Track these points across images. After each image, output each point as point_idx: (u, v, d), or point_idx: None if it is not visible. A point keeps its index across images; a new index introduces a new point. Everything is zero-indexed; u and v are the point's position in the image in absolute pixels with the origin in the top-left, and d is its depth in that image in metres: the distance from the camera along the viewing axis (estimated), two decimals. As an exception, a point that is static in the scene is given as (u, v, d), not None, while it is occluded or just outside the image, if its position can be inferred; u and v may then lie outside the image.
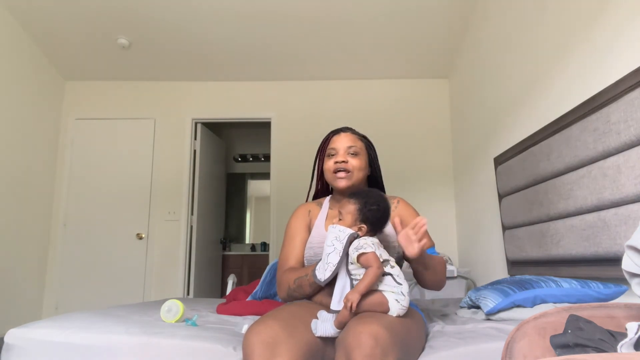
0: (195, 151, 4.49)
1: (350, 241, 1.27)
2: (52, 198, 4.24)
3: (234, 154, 6.24)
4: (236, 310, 1.93)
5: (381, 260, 1.24)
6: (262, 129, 5.69)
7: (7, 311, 3.59)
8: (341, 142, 1.56)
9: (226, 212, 5.96)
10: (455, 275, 3.30)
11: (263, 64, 4.18)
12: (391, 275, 1.25)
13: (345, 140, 1.56)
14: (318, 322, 1.21)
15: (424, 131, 4.32)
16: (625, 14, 1.71)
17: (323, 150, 1.62)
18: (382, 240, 1.36)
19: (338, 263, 1.26)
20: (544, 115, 2.34)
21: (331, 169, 1.55)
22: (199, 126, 4.53)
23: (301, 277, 1.39)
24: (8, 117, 3.61)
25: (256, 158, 6.22)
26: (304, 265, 1.52)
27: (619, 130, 1.62)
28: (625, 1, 1.71)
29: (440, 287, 1.49)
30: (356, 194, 1.37)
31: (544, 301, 1.55)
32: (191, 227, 4.35)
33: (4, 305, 3.55)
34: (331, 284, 1.30)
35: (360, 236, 1.30)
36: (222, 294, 5.16)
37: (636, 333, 0.74)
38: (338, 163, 1.53)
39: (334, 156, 1.56)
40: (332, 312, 1.25)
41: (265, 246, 5.75)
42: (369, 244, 1.25)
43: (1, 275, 3.53)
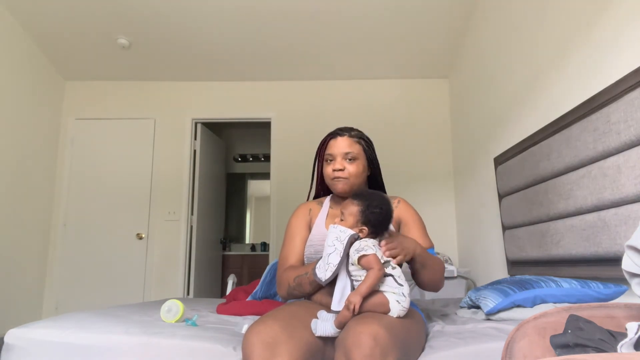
0: (195, 151, 4.49)
1: (350, 242, 1.27)
2: (52, 198, 4.24)
3: (234, 154, 6.25)
4: (236, 310, 1.93)
5: (382, 261, 1.24)
6: (262, 129, 5.70)
7: (7, 311, 3.59)
8: (338, 148, 1.55)
9: (226, 212, 5.96)
10: (455, 275, 3.30)
11: (263, 64, 4.18)
12: (392, 276, 1.25)
13: (342, 146, 1.55)
14: (318, 321, 1.21)
15: (424, 131, 4.32)
16: (625, 14, 1.71)
17: (321, 155, 1.62)
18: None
19: (338, 264, 1.26)
20: (544, 115, 2.34)
21: (330, 175, 1.55)
22: (199, 126, 4.54)
23: (301, 276, 1.40)
24: (8, 117, 3.61)
25: (256, 158, 6.22)
26: (304, 263, 1.53)
27: (619, 130, 1.62)
28: (625, 1, 1.71)
29: (437, 288, 1.48)
30: (359, 196, 1.36)
31: (544, 301, 1.55)
32: (191, 227, 4.35)
33: (4, 305, 3.55)
34: (331, 284, 1.29)
35: (361, 238, 1.30)
36: (222, 294, 5.16)
37: (636, 333, 0.74)
38: (336, 171, 1.53)
39: (331, 162, 1.56)
40: (332, 312, 1.25)
41: (265, 246, 5.76)
42: (369, 245, 1.25)
43: (1, 275, 3.53)
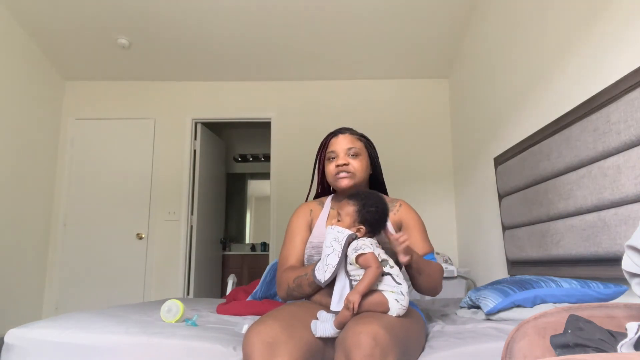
0: (195, 151, 4.49)
1: (348, 242, 1.27)
2: (52, 198, 4.24)
3: (234, 154, 6.24)
4: (236, 310, 1.93)
5: (380, 260, 1.24)
6: (262, 129, 5.70)
7: (7, 311, 3.59)
8: (340, 145, 1.54)
9: (226, 212, 5.96)
10: (455, 275, 3.30)
11: (263, 64, 4.18)
12: (390, 275, 1.25)
13: (345, 142, 1.54)
14: (318, 322, 1.21)
15: (424, 131, 4.32)
16: (625, 14, 1.71)
17: (322, 154, 1.61)
18: (381, 241, 1.36)
19: (337, 264, 1.26)
20: (544, 115, 2.34)
21: (333, 172, 1.53)
22: (199, 126, 4.54)
23: (301, 277, 1.39)
24: (8, 117, 3.61)
25: (256, 158, 6.22)
26: (304, 264, 1.52)
27: (619, 130, 1.62)
28: (625, 1, 1.71)
29: (434, 293, 1.47)
30: (355, 196, 1.36)
31: (544, 301, 1.55)
32: (191, 227, 4.35)
33: (4, 305, 3.55)
34: (331, 284, 1.30)
35: (358, 237, 1.30)
36: (222, 294, 5.16)
37: (636, 333, 0.74)
38: (340, 166, 1.51)
39: (334, 159, 1.54)
40: (332, 313, 1.25)
41: (265, 246, 5.75)
42: (367, 244, 1.25)
43: (1, 275, 3.53)
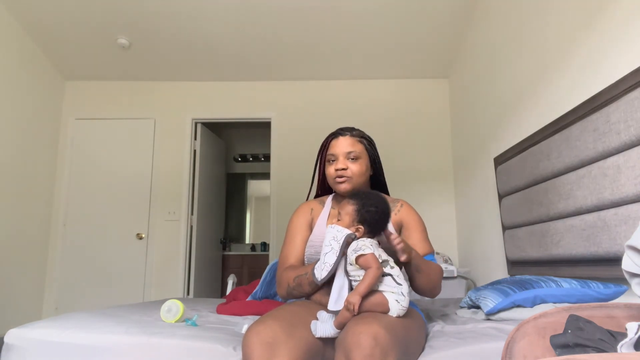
0: (195, 151, 4.49)
1: (347, 241, 1.27)
2: (52, 198, 4.24)
3: (234, 154, 6.24)
4: (236, 310, 1.93)
5: (380, 260, 1.24)
6: (262, 129, 5.70)
7: (7, 311, 3.59)
8: (340, 148, 1.54)
9: (226, 212, 5.96)
10: (455, 275, 3.30)
11: (263, 64, 4.18)
12: (391, 275, 1.24)
13: (345, 145, 1.54)
14: (317, 323, 1.21)
15: (424, 131, 4.32)
16: (625, 14, 1.71)
17: (323, 155, 1.61)
18: (382, 241, 1.36)
19: (335, 263, 1.26)
20: (544, 115, 2.34)
21: (332, 175, 1.54)
22: (199, 126, 4.54)
23: (300, 276, 1.39)
24: (8, 117, 3.61)
25: (256, 158, 6.22)
26: (304, 263, 1.52)
27: (619, 130, 1.62)
28: (625, 1, 1.71)
29: (433, 294, 1.47)
30: (355, 195, 1.36)
31: (544, 301, 1.55)
32: (191, 227, 4.35)
33: (4, 305, 3.55)
34: (330, 283, 1.30)
35: (357, 237, 1.30)
36: (222, 294, 5.16)
37: (636, 333, 0.74)
38: (338, 170, 1.52)
39: (334, 162, 1.55)
40: (332, 313, 1.25)
41: (265, 246, 5.75)
42: (367, 245, 1.25)
43: (1, 275, 3.53)
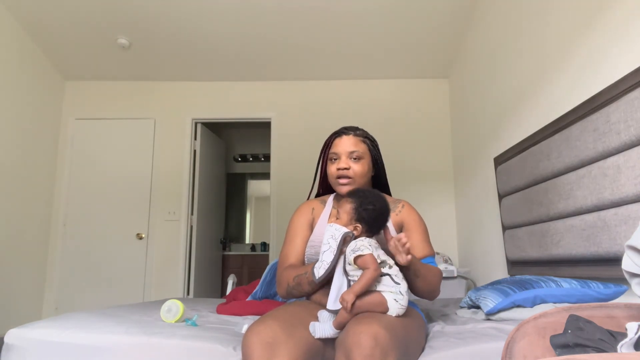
0: (195, 151, 4.49)
1: (344, 239, 1.27)
2: (52, 198, 4.24)
3: (234, 154, 6.24)
4: (236, 310, 1.93)
5: (379, 261, 1.23)
6: (262, 129, 5.70)
7: (7, 311, 3.59)
8: (343, 147, 1.54)
9: (226, 212, 5.96)
10: (455, 275, 3.30)
11: (263, 64, 4.18)
12: (389, 275, 1.24)
13: (347, 145, 1.54)
14: (316, 324, 1.21)
15: (424, 131, 4.32)
16: (625, 14, 1.71)
17: (325, 154, 1.61)
18: (381, 241, 1.36)
19: (332, 261, 1.25)
20: (544, 115, 2.34)
21: (334, 174, 1.53)
22: (199, 126, 4.54)
23: (300, 275, 1.39)
24: (8, 117, 3.61)
25: (256, 158, 6.22)
26: (304, 263, 1.52)
27: (619, 130, 1.62)
28: (625, 1, 1.71)
29: (432, 297, 1.45)
30: (354, 193, 1.36)
31: (544, 301, 1.55)
32: (191, 227, 4.35)
33: (4, 305, 3.55)
34: (329, 283, 1.29)
35: (355, 235, 1.29)
36: (222, 294, 5.16)
37: (636, 333, 0.74)
38: (340, 170, 1.51)
39: (336, 161, 1.54)
40: (331, 312, 1.24)
41: (265, 246, 5.75)
42: (366, 245, 1.24)
43: (1, 275, 3.53)
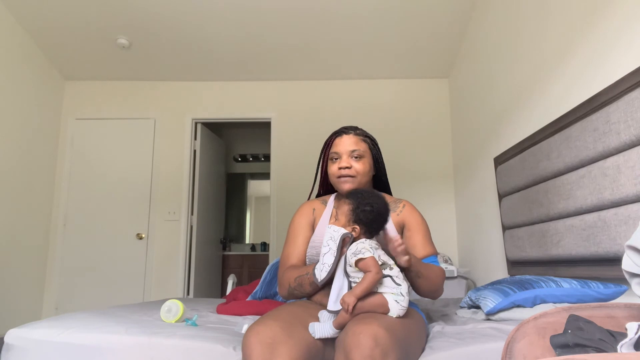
0: (195, 151, 4.49)
1: (343, 240, 1.26)
2: (52, 198, 4.24)
3: (234, 154, 6.24)
4: (236, 310, 1.93)
5: (380, 263, 1.23)
6: (262, 129, 5.70)
7: (7, 311, 3.59)
8: (344, 146, 1.53)
9: (226, 212, 5.96)
10: (455, 275, 3.30)
11: (263, 64, 4.18)
12: (390, 276, 1.24)
13: (348, 144, 1.53)
14: (316, 324, 1.21)
15: (424, 131, 4.32)
16: (625, 14, 1.71)
17: (326, 154, 1.60)
18: (381, 242, 1.35)
19: (333, 264, 1.25)
20: (544, 115, 2.34)
21: (335, 174, 1.52)
22: (199, 126, 4.54)
23: (302, 276, 1.39)
24: (8, 117, 3.61)
25: (256, 158, 6.22)
26: (305, 263, 1.52)
27: (619, 130, 1.62)
28: (625, 1, 1.71)
29: (435, 297, 1.45)
30: (352, 194, 1.34)
31: (544, 301, 1.55)
32: (191, 227, 4.35)
33: (4, 305, 3.55)
34: (330, 283, 1.29)
35: (354, 237, 1.29)
36: (222, 294, 5.16)
37: (636, 333, 0.74)
38: (342, 169, 1.50)
39: (337, 161, 1.53)
40: (332, 313, 1.24)
41: (265, 246, 5.75)
42: (367, 247, 1.24)
43: (1, 275, 3.53)
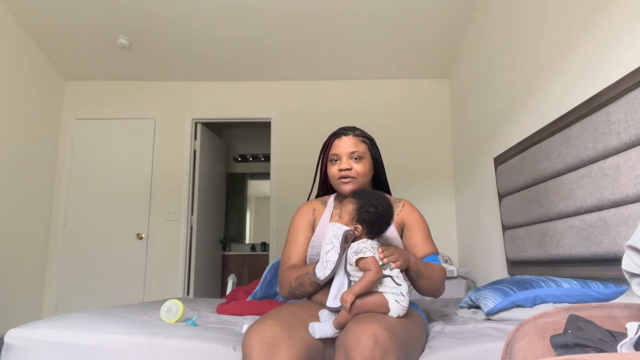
0: (195, 151, 4.48)
1: (345, 237, 1.26)
2: (52, 198, 4.24)
3: (234, 154, 6.24)
4: (236, 310, 1.93)
5: (380, 263, 1.23)
6: (262, 129, 5.70)
7: (7, 311, 3.59)
8: (343, 147, 1.52)
9: (226, 212, 5.96)
10: (455, 275, 3.30)
11: (263, 64, 4.18)
12: (390, 276, 1.24)
13: (348, 145, 1.52)
14: (316, 324, 1.21)
15: (424, 131, 4.32)
16: (625, 14, 1.71)
17: (325, 155, 1.59)
18: (383, 243, 1.36)
19: (337, 261, 1.25)
20: (544, 115, 2.34)
21: (336, 175, 1.52)
22: (199, 126, 4.53)
23: (302, 275, 1.39)
24: (8, 116, 3.61)
25: (256, 158, 6.21)
26: (306, 263, 1.52)
27: (619, 130, 1.62)
28: (625, 1, 1.71)
29: (436, 295, 1.45)
30: (358, 194, 1.35)
31: (544, 301, 1.55)
32: (191, 227, 4.35)
33: (4, 305, 3.55)
34: (330, 281, 1.29)
35: (357, 235, 1.29)
36: (222, 294, 5.16)
37: (636, 333, 0.74)
38: (342, 170, 1.50)
39: (337, 162, 1.53)
40: (331, 311, 1.24)
41: (265, 246, 5.75)
42: (368, 247, 1.24)
43: (1, 275, 3.53)
